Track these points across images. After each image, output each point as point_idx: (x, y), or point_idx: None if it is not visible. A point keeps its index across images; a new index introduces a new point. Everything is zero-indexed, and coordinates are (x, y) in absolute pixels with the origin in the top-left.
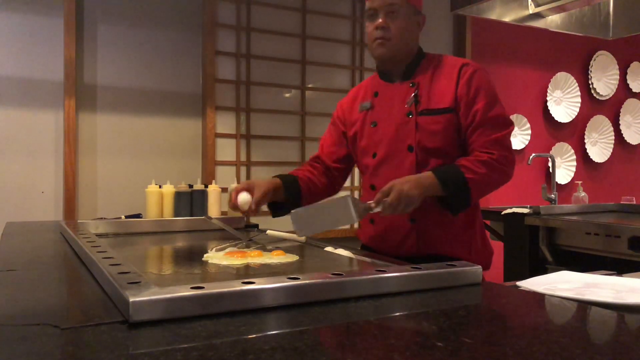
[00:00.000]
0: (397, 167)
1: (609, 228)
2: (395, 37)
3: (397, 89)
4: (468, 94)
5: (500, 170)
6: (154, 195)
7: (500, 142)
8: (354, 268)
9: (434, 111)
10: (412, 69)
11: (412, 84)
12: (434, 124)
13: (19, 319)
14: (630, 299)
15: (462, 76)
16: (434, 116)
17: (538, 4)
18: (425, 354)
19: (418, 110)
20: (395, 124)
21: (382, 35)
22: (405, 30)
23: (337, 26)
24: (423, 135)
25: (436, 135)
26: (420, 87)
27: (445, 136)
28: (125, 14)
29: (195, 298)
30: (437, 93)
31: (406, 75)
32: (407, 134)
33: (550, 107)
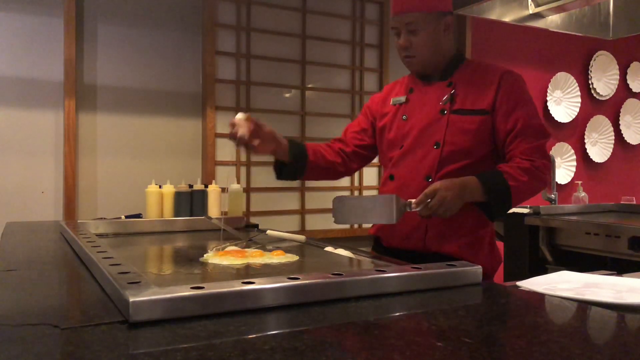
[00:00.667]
0: (420, 161)
1: (609, 228)
2: (420, 53)
3: (433, 88)
4: (510, 100)
5: (540, 179)
6: (154, 195)
7: (541, 150)
8: (354, 268)
9: (469, 111)
10: (450, 71)
11: (449, 83)
12: (467, 124)
13: (19, 319)
14: (630, 299)
15: (504, 82)
16: (468, 116)
17: (538, 4)
18: (425, 354)
19: (452, 108)
20: (426, 120)
21: (406, 54)
22: (429, 43)
23: (337, 26)
24: (453, 133)
25: (467, 135)
26: (457, 87)
27: (476, 137)
28: (125, 14)
29: (195, 298)
30: (475, 95)
31: (444, 76)
32: (436, 130)
33: (550, 107)
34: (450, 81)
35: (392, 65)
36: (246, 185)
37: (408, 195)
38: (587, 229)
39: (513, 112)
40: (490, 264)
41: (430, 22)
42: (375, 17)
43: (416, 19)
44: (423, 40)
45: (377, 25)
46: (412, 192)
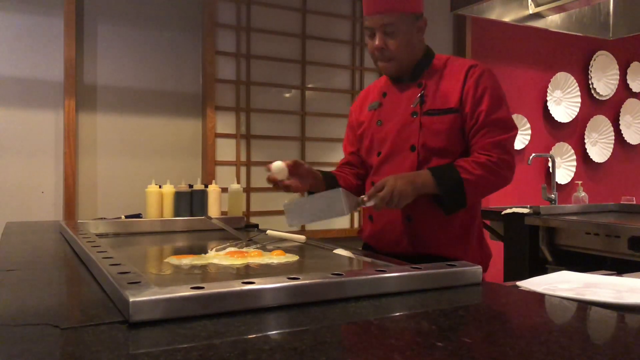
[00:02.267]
0: (399, 166)
1: (609, 228)
2: (396, 55)
3: (404, 90)
4: (474, 95)
5: (497, 174)
6: (154, 195)
7: (502, 145)
8: (353, 268)
9: (439, 111)
10: (420, 70)
11: (419, 84)
12: (438, 124)
13: (19, 319)
14: (630, 299)
15: (469, 77)
16: (439, 116)
17: (538, 4)
18: (425, 354)
19: (423, 110)
20: (399, 124)
21: (381, 56)
22: (405, 45)
23: (337, 26)
24: (426, 135)
25: (440, 135)
26: (427, 87)
27: (449, 136)
28: (125, 14)
29: (195, 298)
30: (443, 93)
31: (414, 77)
32: (410, 133)
33: (550, 107)
34: (420, 82)
35: None
36: (246, 185)
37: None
38: (587, 229)
39: (478, 106)
40: (481, 258)
41: (407, 24)
42: None
43: (394, 20)
44: (400, 41)
45: None
46: None
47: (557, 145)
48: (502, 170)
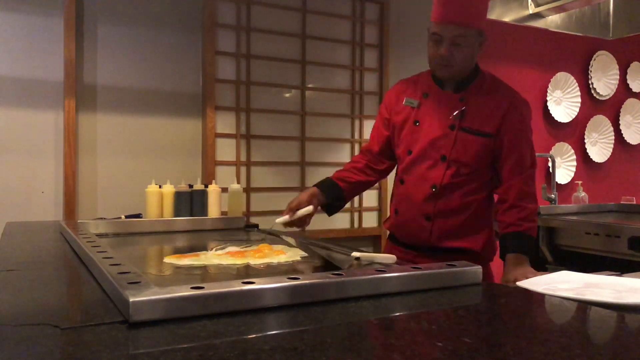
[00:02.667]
0: (427, 170)
1: (609, 228)
2: (459, 64)
3: (446, 98)
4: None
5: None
6: (154, 195)
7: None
8: (353, 268)
9: (476, 132)
10: (466, 84)
11: (461, 98)
12: (472, 143)
13: (19, 319)
14: (630, 299)
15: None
16: (475, 136)
17: (538, 4)
18: (425, 354)
19: (461, 125)
20: (436, 131)
21: (445, 62)
22: (468, 58)
23: (337, 26)
24: (459, 150)
25: (470, 152)
26: (469, 104)
27: (478, 156)
28: (125, 14)
29: (195, 298)
30: (483, 116)
31: (459, 88)
32: (444, 144)
33: (550, 107)
34: (463, 96)
35: (392, 65)
36: (246, 185)
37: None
38: (587, 229)
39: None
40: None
41: (474, 39)
42: (375, 17)
43: (463, 33)
44: (465, 54)
45: (377, 25)
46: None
47: (557, 145)
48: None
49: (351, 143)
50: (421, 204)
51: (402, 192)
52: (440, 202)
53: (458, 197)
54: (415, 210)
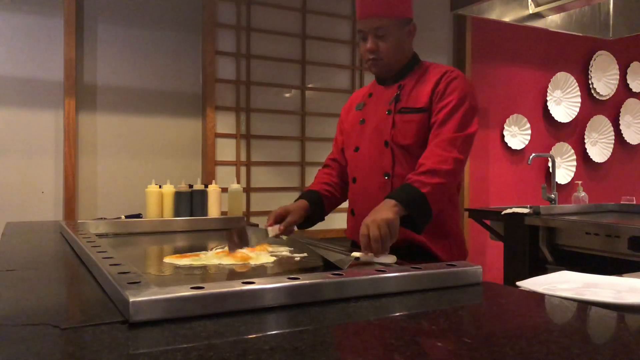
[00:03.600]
0: (376, 159)
1: (609, 228)
2: (386, 56)
3: (386, 91)
4: (442, 95)
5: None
6: (154, 195)
7: (453, 143)
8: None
9: (410, 110)
10: (404, 73)
11: (399, 85)
12: (408, 122)
13: (19, 319)
14: (630, 299)
15: (442, 79)
16: (409, 114)
17: (538, 4)
18: (425, 354)
19: (397, 108)
20: (377, 120)
21: (372, 57)
22: (395, 48)
23: (337, 26)
24: (398, 132)
25: (409, 132)
26: (404, 88)
27: (418, 134)
28: (125, 14)
29: (195, 298)
30: (417, 94)
31: (397, 79)
32: (384, 130)
33: (550, 107)
34: (401, 83)
35: None
36: (246, 185)
37: (371, 194)
38: (587, 229)
39: (439, 104)
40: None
41: (397, 28)
42: None
43: (385, 24)
44: (390, 45)
45: None
46: (373, 190)
47: (557, 145)
48: (448, 167)
49: None
50: (377, 196)
51: (355, 189)
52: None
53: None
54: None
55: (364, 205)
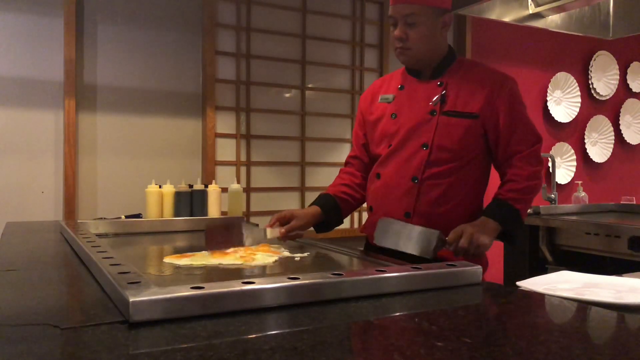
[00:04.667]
0: (407, 161)
1: (609, 228)
2: (415, 45)
3: (423, 86)
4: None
5: (535, 188)
6: (154, 195)
7: (534, 156)
8: (354, 268)
9: (459, 114)
10: (442, 69)
11: (440, 83)
12: (455, 126)
13: (19, 319)
14: (630, 299)
15: (496, 87)
16: (457, 118)
17: (538, 4)
18: (425, 354)
19: (442, 110)
20: (415, 119)
21: (401, 45)
22: (425, 37)
23: (337, 26)
24: (442, 135)
25: (455, 137)
26: (448, 87)
27: (464, 140)
28: (125, 14)
29: (195, 298)
30: (466, 97)
31: (435, 75)
32: (425, 131)
33: (550, 107)
34: (441, 81)
35: (392, 65)
36: (246, 185)
37: (394, 196)
38: (587, 229)
39: (509, 118)
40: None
41: (429, 17)
42: (375, 17)
43: (415, 11)
44: (420, 33)
45: (377, 25)
46: (397, 192)
47: (557, 145)
48: (538, 181)
49: (351, 143)
50: (400, 198)
51: (378, 187)
52: (421, 197)
53: (440, 190)
54: (393, 205)
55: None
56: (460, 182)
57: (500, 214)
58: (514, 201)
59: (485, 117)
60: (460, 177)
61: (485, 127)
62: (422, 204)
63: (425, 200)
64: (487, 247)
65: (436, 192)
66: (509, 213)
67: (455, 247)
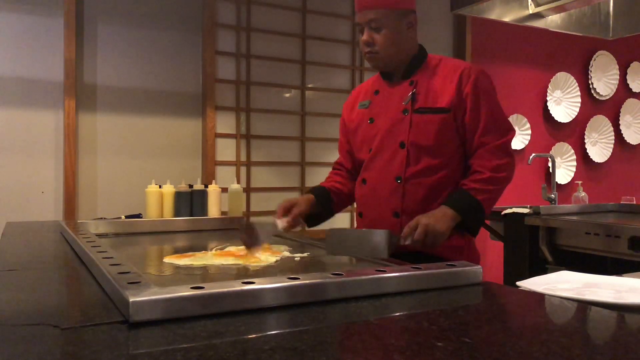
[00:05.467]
0: (389, 162)
1: (609, 228)
2: (382, 49)
3: (396, 87)
4: (473, 100)
5: (503, 180)
6: (154, 195)
7: (503, 148)
8: (354, 268)
9: (430, 110)
10: (413, 69)
11: (411, 82)
12: (428, 123)
13: (19, 319)
14: (630, 299)
15: (464, 79)
16: (429, 114)
17: (538, 4)
18: (425, 354)
19: (414, 108)
20: (390, 120)
21: (368, 50)
22: (392, 40)
23: (337, 26)
24: (417, 132)
25: (429, 134)
26: (418, 85)
27: (439, 135)
28: (125, 14)
29: (195, 298)
30: (435, 92)
31: (406, 75)
32: (400, 130)
33: (550, 107)
34: (412, 80)
35: None
36: (246, 185)
37: (381, 197)
38: (587, 229)
39: (474, 111)
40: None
41: (393, 20)
42: None
43: (379, 16)
44: (385, 37)
45: None
46: (383, 193)
47: (557, 145)
48: (505, 174)
49: None
50: (387, 199)
51: (365, 191)
52: (407, 196)
53: (426, 188)
54: (381, 207)
55: (373, 209)
56: (445, 179)
57: (459, 203)
58: (476, 191)
59: (455, 110)
60: (445, 173)
61: (457, 120)
62: (409, 204)
63: (411, 199)
64: (443, 236)
65: (421, 191)
66: (469, 203)
67: (412, 239)
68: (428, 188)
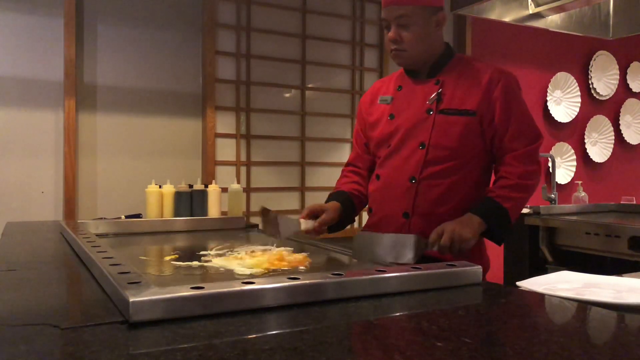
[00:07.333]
0: (405, 161)
1: (609, 228)
2: (410, 46)
3: (420, 86)
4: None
5: (529, 188)
6: (154, 195)
7: (530, 155)
8: (354, 268)
9: (455, 111)
10: (439, 68)
11: (437, 81)
12: (452, 124)
13: (19, 319)
14: (630, 299)
15: (493, 84)
16: (454, 116)
17: (538, 4)
18: (425, 354)
19: (439, 108)
20: (412, 119)
21: (395, 47)
22: (419, 37)
23: (337, 26)
24: (439, 133)
25: (452, 136)
26: (444, 85)
27: (462, 138)
28: (125, 14)
29: (195, 298)
30: (462, 95)
31: (431, 73)
32: (422, 130)
33: (550, 107)
34: (438, 79)
35: (392, 65)
36: (246, 185)
37: (393, 196)
38: (587, 229)
39: (505, 113)
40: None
41: (422, 17)
42: (375, 17)
43: (408, 12)
44: (413, 34)
45: (377, 25)
46: (395, 193)
47: (557, 145)
48: (532, 181)
49: (351, 143)
50: (398, 199)
51: (377, 188)
52: (419, 197)
53: (439, 191)
54: (392, 206)
55: (384, 207)
56: (460, 182)
57: (485, 211)
58: (502, 199)
59: (482, 114)
60: (460, 177)
61: (483, 124)
62: (420, 205)
63: (424, 200)
64: (470, 242)
65: (435, 192)
66: (495, 210)
67: (439, 246)
68: (441, 190)
